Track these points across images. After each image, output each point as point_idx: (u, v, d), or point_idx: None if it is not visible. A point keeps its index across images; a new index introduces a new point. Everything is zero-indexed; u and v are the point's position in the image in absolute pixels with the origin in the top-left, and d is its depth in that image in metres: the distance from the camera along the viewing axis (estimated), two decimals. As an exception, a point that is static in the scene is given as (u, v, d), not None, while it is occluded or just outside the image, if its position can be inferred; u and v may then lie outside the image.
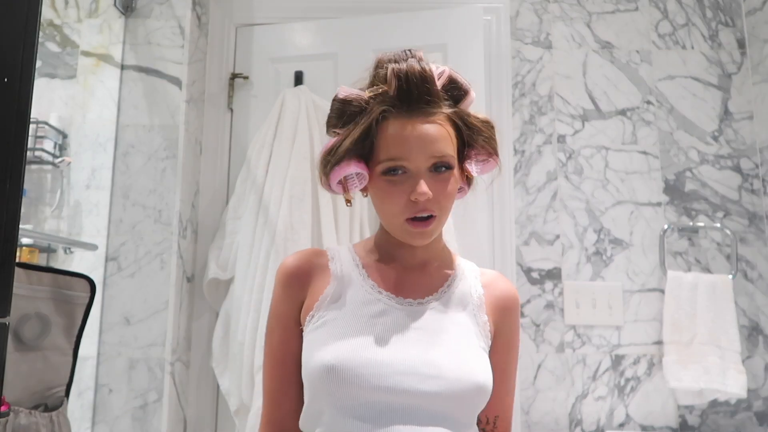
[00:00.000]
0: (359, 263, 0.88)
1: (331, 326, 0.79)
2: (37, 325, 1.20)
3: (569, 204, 1.84)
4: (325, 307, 0.82)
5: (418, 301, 0.83)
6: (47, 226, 1.65)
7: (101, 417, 1.56)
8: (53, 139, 1.65)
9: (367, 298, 0.82)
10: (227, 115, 1.93)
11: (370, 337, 0.77)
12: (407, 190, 0.78)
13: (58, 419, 1.21)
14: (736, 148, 1.85)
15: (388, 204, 0.80)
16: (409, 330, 0.79)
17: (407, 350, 0.76)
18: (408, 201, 0.78)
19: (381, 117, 0.80)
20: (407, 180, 0.78)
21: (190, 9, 1.75)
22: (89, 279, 1.32)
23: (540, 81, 1.91)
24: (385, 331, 0.78)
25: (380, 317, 0.80)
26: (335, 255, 0.89)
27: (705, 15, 1.93)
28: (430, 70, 0.80)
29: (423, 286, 0.86)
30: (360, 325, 0.79)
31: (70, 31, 1.76)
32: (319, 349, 0.77)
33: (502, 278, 0.91)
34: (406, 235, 0.81)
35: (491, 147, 0.84)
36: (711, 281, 1.72)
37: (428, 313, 0.82)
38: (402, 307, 0.82)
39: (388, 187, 0.79)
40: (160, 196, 1.66)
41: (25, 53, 0.48)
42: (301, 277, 0.86)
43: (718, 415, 1.72)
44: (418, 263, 0.88)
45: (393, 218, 0.80)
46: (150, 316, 1.61)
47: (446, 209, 0.81)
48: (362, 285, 0.84)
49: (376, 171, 0.81)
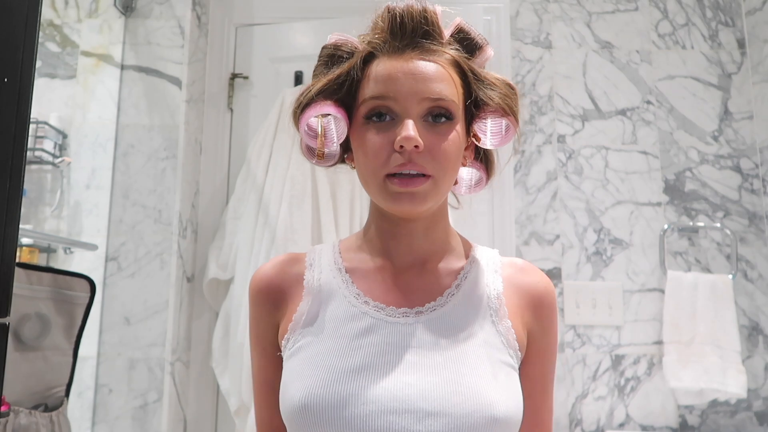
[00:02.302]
0: (342, 267, 0.70)
1: (305, 353, 0.63)
2: (37, 325, 1.20)
3: (569, 204, 1.84)
4: (300, 330, 0.66)
5: (417, 310, 0.66)
6: (47, 226, 1.65)
7: (101, 417, 1.56)
8: (53, 139, 1.65)
9: (350, 312, 0.65)
10: (227, 115, 1.93)
11: (352, 365, 0.60)
12: (391, 137, 0.62)
13: (58, 419, 1.21)
14: (736, 148, 1.85)
15: (369, 157, 0.63)
16: (402, 351, 0.62)
17: (399, 380, 0.59)
18: (391, 150, 0.62)
19: (369, 56, 0.66)
20: (394, 127, 0.62)
21: (190, 9, 1.75)
22: (89, 279, 1.32)
23: (540, 81, 1.91)
24: (372, 355, 0.61)
25: (366, 336, 0.63)
26: (314, 260, 0.72)
27: (705, 15, 1.93)
28: (433, 10, 0.66)
29: (423, 290, 0.68)
30: (339, 349, 0.62)
31: (70, 31, 1.76)
32: (291, 384, 0.62)
33: (530, 268, 0.73)
34: (389, 199, 0.63)
35: (507, 105, 0.66)
36: (711, 281, 1.72)
37: (429, 325, 0.64)
38: (394, 321, 0.64)
39: (369, 136, 0.63)
40: (160, 196, 1.66)
41: (25, 53, 0.48)
42: (272, 294, 0.70)
43: (718, 415, 1.72)
44: (417, 259, 0.70)
45: (374, 176, 0.63)
46: (150, 316, 1.61)
47: (447, 170, 0.63)
48: (345, 295, 0.67)
49: (358, 117, 0.65)
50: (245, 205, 1.74)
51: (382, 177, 0.62)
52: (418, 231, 0.70)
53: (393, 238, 0.70)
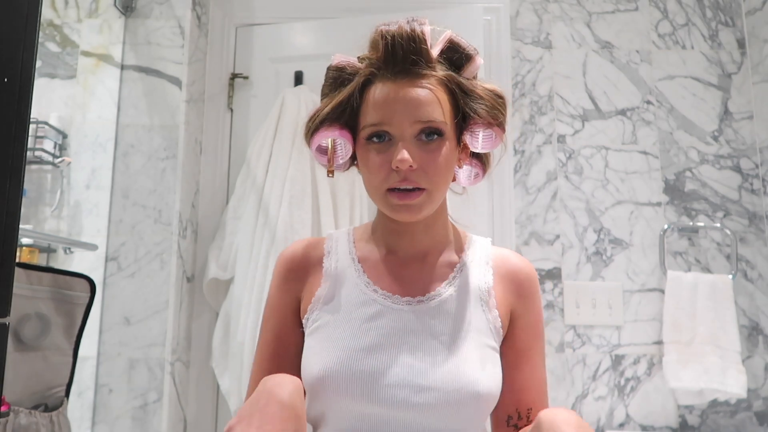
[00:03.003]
0: (355, 257, 0.81)
1: (323, 332, 0.75)
2: (37, 325, 1.20)
3: (569, 204, 1.84)
4: (319, 310, 0.77)
5: (418, 299, 0.76)
6: (47, 226, 1.65)
7: (101, 417, 1.56)
8: (53, 139, 1.65)
9: (362, 298, 0.76)
10: (227, 115, 1.93)
11: (363, 345, 0.72)
12: (389, 157, 0.72)
13: (58, 419, 1.21)
14: (736, 148, 1.85)
15: (371, 174, 0.74)
16: (405, 334, 0.73)
17: (401, 359, 0.71)
18: (389, 169, 0.72)
19: (366, 81, 0.75)
20: (391, 148, 0.72)
21: (190, 9, 1.75)
22: (89, 279, 1.32)
23: (540, 81, 1.91)
24: (380, 336, 0.73)
25: (375, 320, 0.74)
26: (332, 247, 0.83)
27: (705, 15, 1.93)
28: (421, 31, 0.73)
29: (424, 281, 0.78)
30: (352, 330, 0.74)
31: (70, 31, 1.76)
32: (311, 357, 0.74)
33: (513, 256, 0.83)
34: (390, 209, 0.74)
35: (492, 116, 0.75)
36: (711, 281, 1.72)
37: (428, 312, 0.75)
38: (399, 308, 0.75)
39: (371, 156, 0.73)
40: (160, 196, 1.66)
41: (25, 53, 0.48)
42: (298, 271, 0.82)
43: (718, 415, 1.72)
44: (419, 252, 0.80)
45: (376, 190, 0.74)
46: (150, 316, 1.61)
47: (438, 183, 0.73)
48: (357, 283, 0.78)
49: (360, 139, 0.75)
50: (245, 205, 1.74)
51: (383, 191, 0.73)
52: (419, 229, 0.80)
53: (397, 235, 0.81)
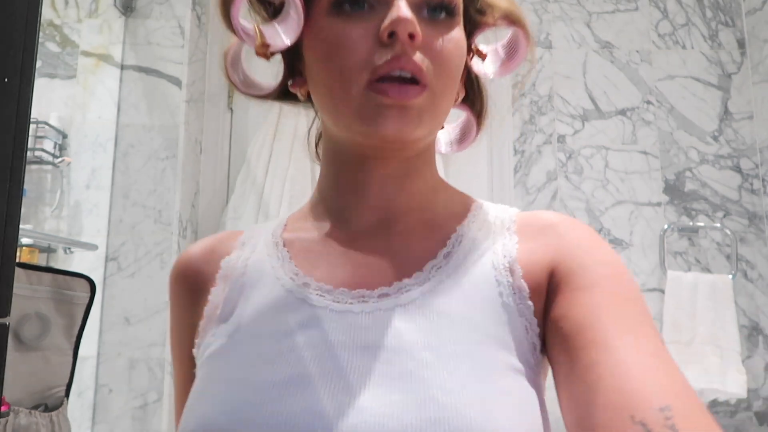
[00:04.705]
0: (279, 239, 0.51)
1: (215, 362, 0.44)
2: (37, 325, 1.20)
3: (569, 204, 1.84)
4: (214, 327, 0.47)
5: (381, 292, 0.44)
6: (47, 226, 1.65)
7: (101, 417, 1.56)
8: (53, 139, 1.65)
9: (281, 300, 0.45)
10: (227, 115, 1.93)
11: (274, 379, 0.40)
12: (374, 27, 0.42)
13: (58, 419, 1.21)
14: (736, 148, 1.85)
15: (340, 58, 0.43)
16: (353, 355, 0.40)
17: (345, 400, 0.38)
18: (375, 45, 0.42)
19: None
20: (377, 15, 0.43)
21: (190, 9, 1.75)
22: (89, 279, 1.32)
23: (540, 81, 1.91)
24: (306, 361, 0.40)
25: (299, 334, 0.42)
26: (251, 237, 0.53)
27: (705, 15, 1.93)
28: None
29: (392, 263, 0.46)
30: (260, 354, 0.42)
31: (70, 31, 1.76)
32: (191, 403, 0.43)
33: (548, 212, 0.49)
34: (369, 117, 0.42)
35: (514, 16, 0.48)
36: (711, 281, 1.72)
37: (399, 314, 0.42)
38: (345, 309, 0.43)
39: (339, 30, 0.43)
40: (160, 196, 1.66)
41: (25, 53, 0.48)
42: (190, 282, 0.51)
43: (718, 415, 1.72)
44: (383, 219, 0.49)
45: (348, 83, 0.43)
46: (150, 316, 1.61)
47: (445, 83, 0.44)
48: (278, 277, 0.47)
49: (318, 9, 0.45)
50: (245, 205, 1.74)
51: (362, 84, 0.42)
52: (391, 178, 0.49)
53: (352, 192, 0.49)
